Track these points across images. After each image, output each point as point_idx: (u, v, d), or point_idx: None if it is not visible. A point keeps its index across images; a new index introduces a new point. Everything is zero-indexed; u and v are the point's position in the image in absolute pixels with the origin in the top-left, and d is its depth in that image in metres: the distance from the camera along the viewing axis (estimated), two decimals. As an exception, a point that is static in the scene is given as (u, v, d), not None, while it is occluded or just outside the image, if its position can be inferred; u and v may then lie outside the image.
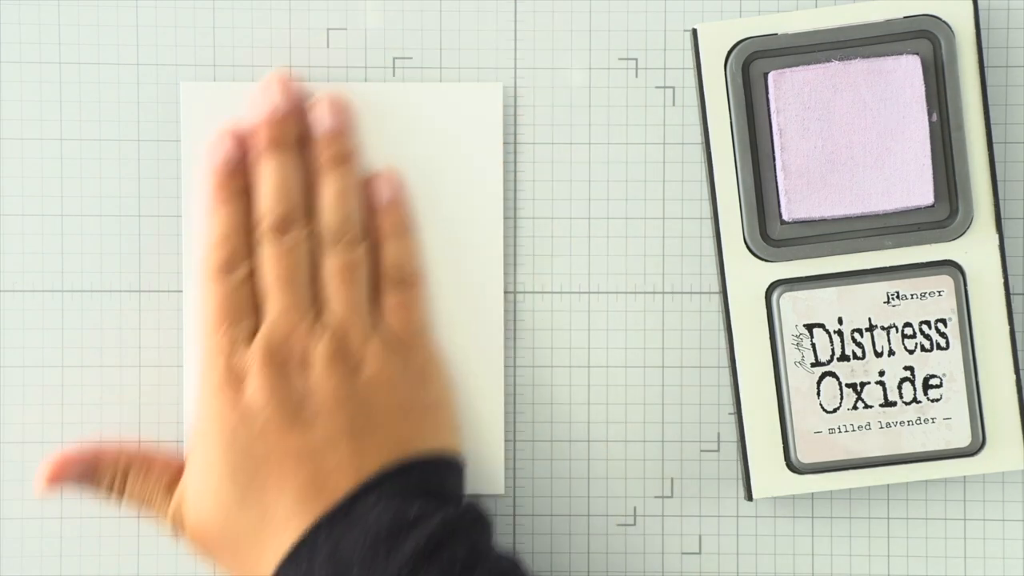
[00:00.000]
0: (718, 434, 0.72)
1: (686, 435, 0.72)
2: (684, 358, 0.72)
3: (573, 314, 0.72)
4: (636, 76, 0.71)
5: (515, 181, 0.72)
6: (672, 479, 0.72)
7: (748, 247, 0.69)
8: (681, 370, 0.72)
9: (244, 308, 0.66)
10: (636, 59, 0.71)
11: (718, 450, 0.72)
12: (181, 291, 0.71)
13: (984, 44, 0.70)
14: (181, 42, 0.71)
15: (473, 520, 0.65)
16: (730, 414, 0.71)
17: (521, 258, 0.72)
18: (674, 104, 0.71)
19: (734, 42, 0.68)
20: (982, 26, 0.69)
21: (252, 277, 0.67)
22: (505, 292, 0.71)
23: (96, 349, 0.71)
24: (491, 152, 0.71)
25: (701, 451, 0.72)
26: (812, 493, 0.72)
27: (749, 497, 0.70)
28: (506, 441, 0.72)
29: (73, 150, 0.71)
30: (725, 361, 0.71)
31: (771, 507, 0.72)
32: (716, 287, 0.71)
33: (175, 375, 0.71)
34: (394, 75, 0.71)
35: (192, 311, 0.70)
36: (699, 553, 0.72)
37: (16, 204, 0.71)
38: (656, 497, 0.72)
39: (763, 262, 0.69)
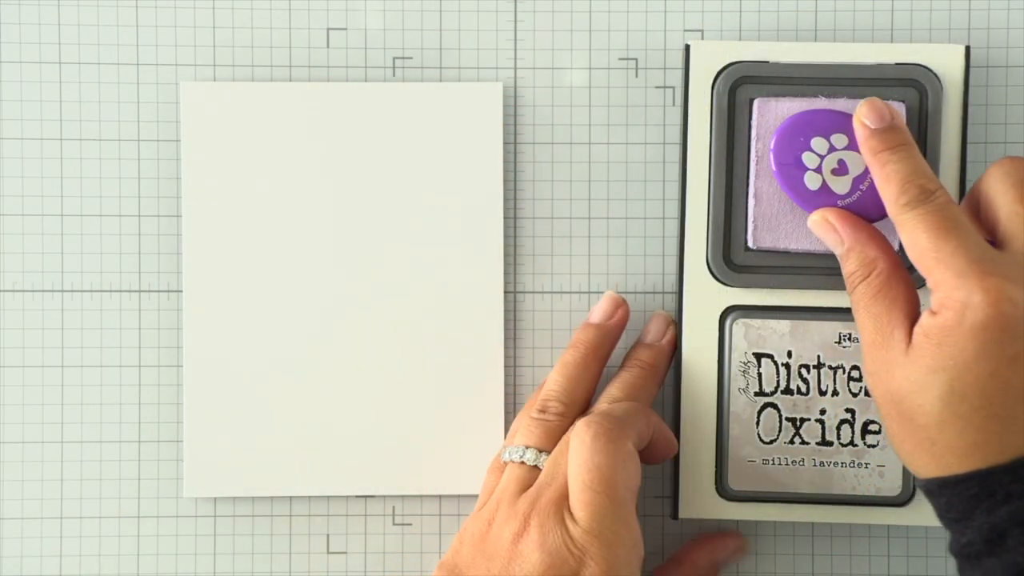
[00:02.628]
0: (718, 434, 0.72)
1: (686, 435, 0.72)
2: (684, 358, 0.72)
3: (573, 314, 0.72)
4: (636, 76, 0.71)
5: (515, 181, 0.72)
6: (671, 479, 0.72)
7: (709, 268, 0.69)
8: (681, 370, 0.72)
9: None
10: (636, 59, 0.71)
11: (718, 450, 0.72)
12: (181, 291, 0.71)
13: (971, 100, 0.70)
14: (181, 42, 0.71)
15: None
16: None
17: (521, 258, 0.72)
18: (674, 104, 0.71)
19: (724, 64, 0.68)
20: (971, 82, 0.69)
21: None
22: (505, 292, 0.71)
23: (96, 349, 0.71)
24: (491, 152, 0.71)
25: (701, 451, 0.72)
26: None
27: (675, 516, 0.70)
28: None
29: (73, 150, 0.71)
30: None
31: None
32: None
33: (175, 375, 0.71)
34: (394, 75, 0.71)
35: (192, 311, 0.70)
36: (699, 553, 0.72)
37: (16, 204, 0.71)
38: (656, 497, 0.72)
39: (722, 285, 0.69)
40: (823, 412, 0.69)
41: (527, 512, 0.62)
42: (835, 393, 0.69)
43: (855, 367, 0.69)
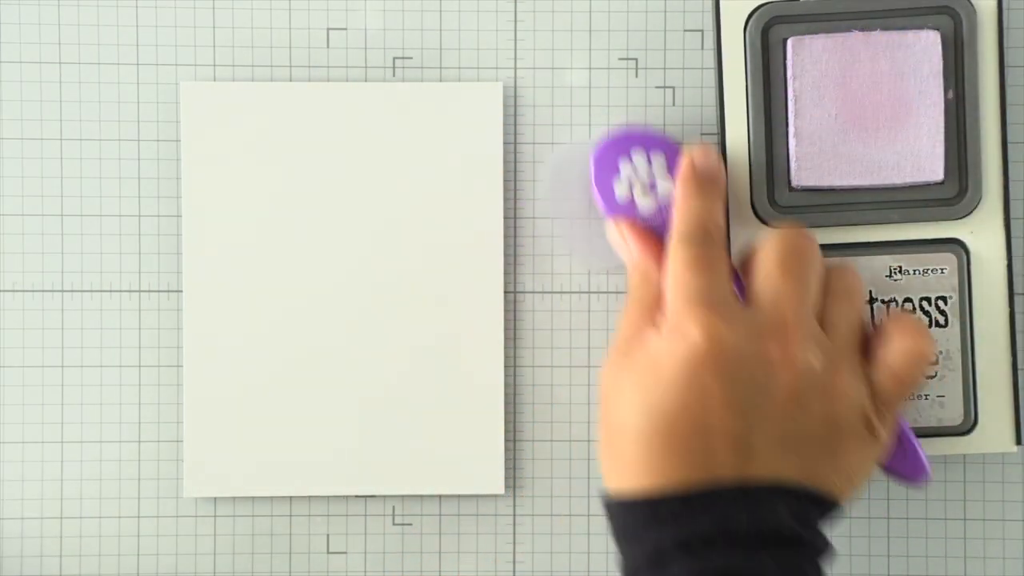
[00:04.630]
0: (718, 434, 0.72)
1: (686, 435, 0.72)
2: (684, 358, 0.72)
3: (573, 314, 0.72)
4: (636, 76, 0.72)
5: (515, 181, 0.72)
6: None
7: (755, 211, 0.69)
8: (681, 370, 0.72)
9: None
10: (636, 59, 0.72)
11: (718, 450, 0.72)
12: (181, 291, 0.71)
13: (1005, 24, 0.70)
14: (181, 42, 0.71)
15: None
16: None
17: (521, 258, 0.72)
18: (674, 104, 0.71)
19: (755, 6, 0.69)
20: (1004, 6, 0.69)
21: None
22: (505, 292, 0.71)
23: (96, 349, 0.71)
24: (491, 152, 0.71)
25: (701, 451, 0.72)
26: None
27: None
28: (506, 441, 0.72)
29: (73, 150, 0.71)
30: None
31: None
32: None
33: (175, 375, 0.71)
34: (394, 75, 0.71)
35: (192, 311, 0.70)
36: (699, 553, 0.72)
37: (16, 204, 0.71)
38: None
39: (768, 227, 0.69)
40: None
41: None
42: None
43: (908, 299, 0.69)
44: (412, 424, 0.71)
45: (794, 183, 0.69)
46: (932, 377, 0.69)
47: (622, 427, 0.62)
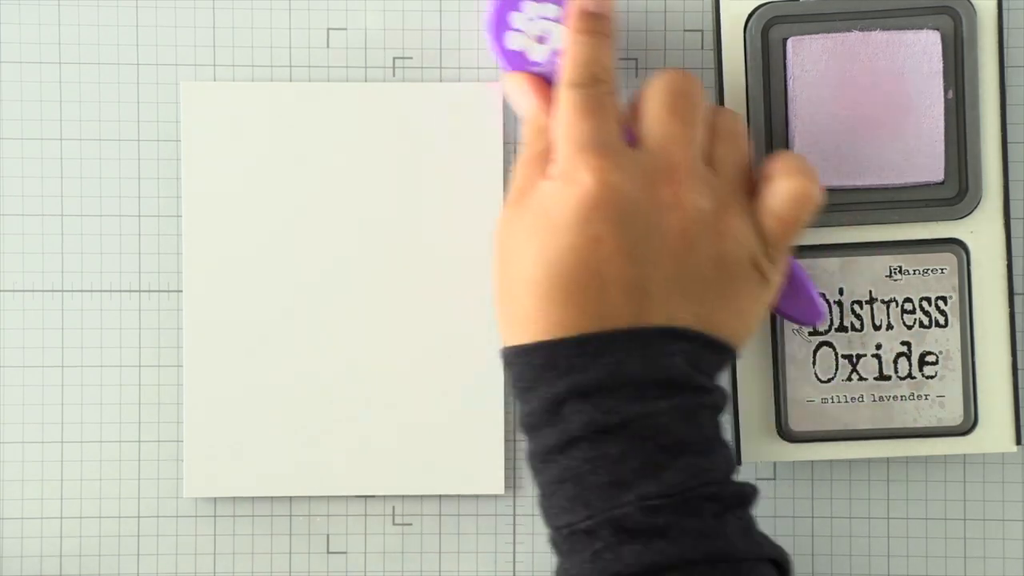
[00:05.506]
0: (718, 434, 0.72)
1: (686, 435, 0.72)
2: (684, 358, 0.72)
3: (573, 314, 0.72)
4: (636, 76, 0.72)
5: (515, 181, 0.72)
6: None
7: None
8: (681, 370, 0.72)
9: None
10: (636, 59, 0.72)
11: (718, 450, 0.72)
12: (181, 291, 0.71)
13: (1005, 24, 0.70)
14: (181, 42, 0.71)
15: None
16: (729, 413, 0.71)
17: (521, 258, 0.72)
18: (674, 103, 0.71)
19: (755, 6, 0.69)
20: (1004, 6, 0.69)
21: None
22: (505, 292, 0.71)
23: (96, 349, 0.71)
24: (491, 152, 0.71)
25: (701, 451, 0.72)
26: (812, 493, 0.72)
27: (738, 461, 0.70)
28: (506, 441, 0.72)
29: (73, 150, 0.71)
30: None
31: (771, 507, 0.72)
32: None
33: (175, 375, 0.71)
34: (394, 75, 0.71)
35: (192, 311, 0.70)
36: (699, 553, 0.72)
37: (16, 204, 0.71)
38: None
39: None
40: (879, 347, 0.69)
41: None
42: (889, 327, 0.69)
43: (908, 299, 0.69)
44: (412, 424, 0.71)
45: (794, 183, 0.69)
46: (932, 378, 0.69)
47: (518, 278, 0.62)
